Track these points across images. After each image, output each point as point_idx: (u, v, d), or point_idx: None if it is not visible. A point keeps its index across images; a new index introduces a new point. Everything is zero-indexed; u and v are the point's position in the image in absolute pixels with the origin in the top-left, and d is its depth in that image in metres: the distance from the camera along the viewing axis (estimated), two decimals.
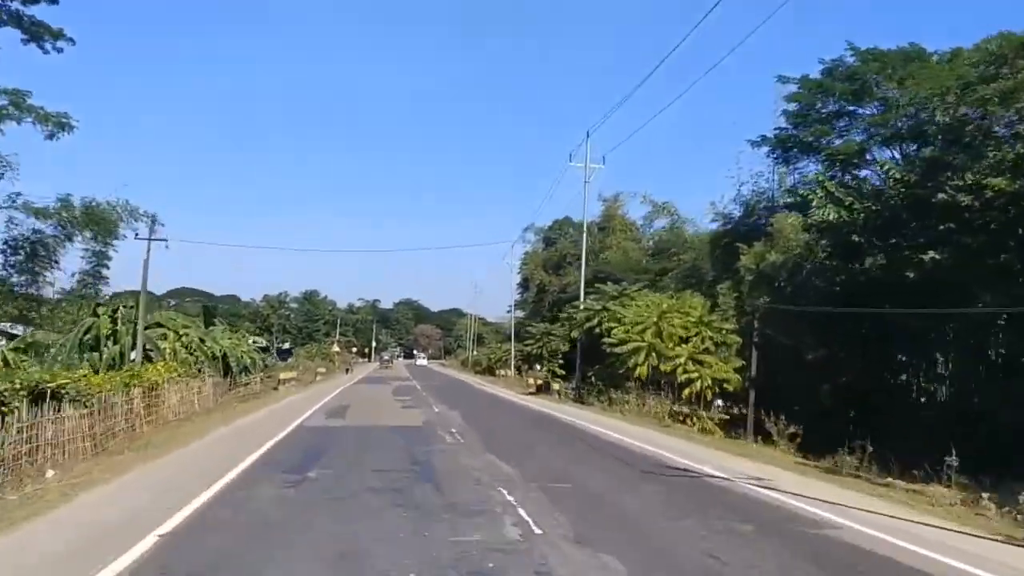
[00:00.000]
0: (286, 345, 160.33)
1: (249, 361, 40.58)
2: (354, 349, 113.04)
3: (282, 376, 39.92)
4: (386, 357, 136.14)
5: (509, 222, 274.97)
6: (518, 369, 65.63)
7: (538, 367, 62.63)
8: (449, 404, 34.30)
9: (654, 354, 33.17)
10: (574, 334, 43.38)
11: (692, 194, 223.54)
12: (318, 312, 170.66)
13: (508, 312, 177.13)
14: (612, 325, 36.35)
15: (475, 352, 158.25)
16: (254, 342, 46.65)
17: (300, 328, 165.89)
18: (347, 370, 70.86)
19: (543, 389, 43.55)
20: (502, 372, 64.62)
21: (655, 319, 34.00)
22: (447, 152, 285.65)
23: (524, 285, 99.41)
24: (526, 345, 65.27)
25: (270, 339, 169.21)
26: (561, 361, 63.81)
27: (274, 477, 13.06)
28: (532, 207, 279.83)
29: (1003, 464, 16.58)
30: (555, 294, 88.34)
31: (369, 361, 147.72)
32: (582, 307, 44.58)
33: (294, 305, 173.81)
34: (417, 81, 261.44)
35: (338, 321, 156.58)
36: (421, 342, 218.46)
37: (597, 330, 39.41)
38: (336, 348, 74.82)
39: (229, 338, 40.04)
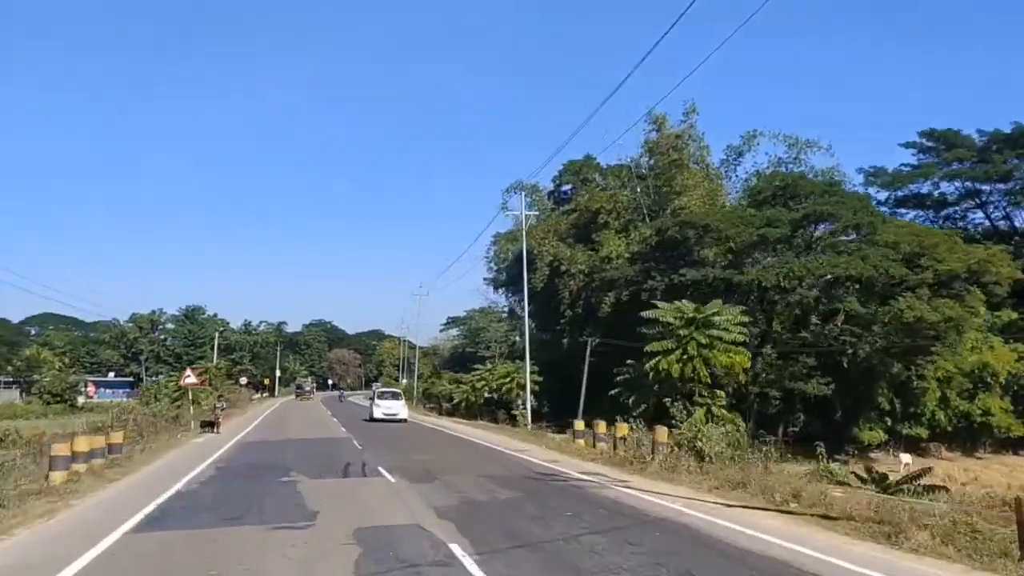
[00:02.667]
0: (159, 378, 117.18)
1: None
2: (243, 380, 72.82)
3: None
4: (306, 388, 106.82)
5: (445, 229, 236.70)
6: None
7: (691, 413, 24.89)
8: None
9: None
10: None
11: None
12: (204, 334, 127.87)
13: (442, 331, 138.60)
14: None
15: (406, 381, 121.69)
16: None
17: (179, 355, 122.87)
18: (210, 424, 31.78)
19: None
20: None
21: None
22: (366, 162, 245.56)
23: (515, 270, 63.18)
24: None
25: (139, 369, 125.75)
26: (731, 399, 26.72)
27: None
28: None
29: None
30: (581, 278, 51.90)
31: (271, 395, 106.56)
32: None
33: (171, 326, 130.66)
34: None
35: (216, 343, 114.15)
36: (337, 369, 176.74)
37: None
38: (192, 379, 34.99)
39: None
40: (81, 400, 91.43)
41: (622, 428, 22.18)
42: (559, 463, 20.05)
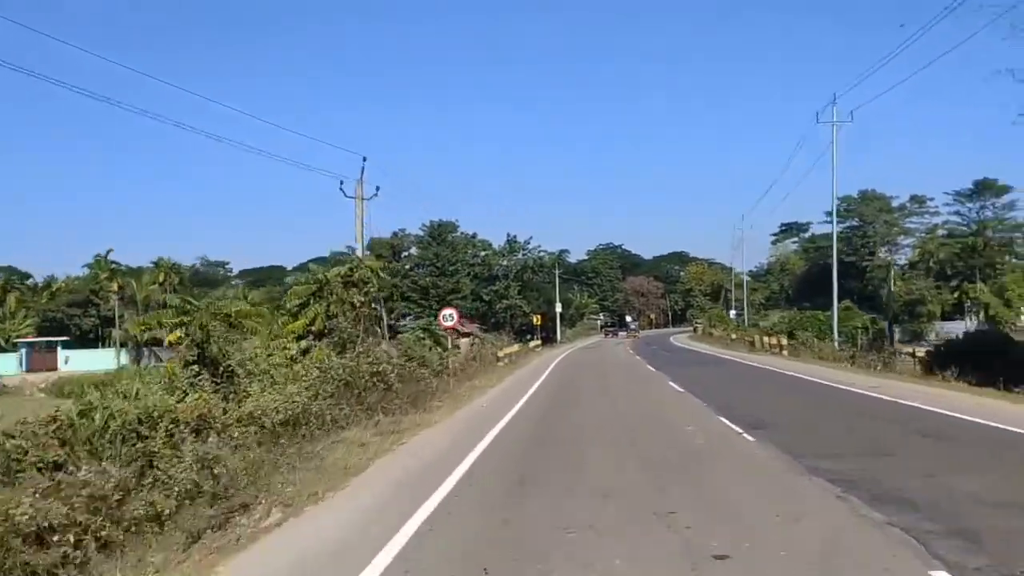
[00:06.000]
0: (406, 321, 78.45)
1: None
2: (473, 326, 30.85)
3: None
4: (633, 327, 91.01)
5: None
6: None
7: None
8: None
9: None
10: None
11: None
12: (457, 258, 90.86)
13: (775, 243, 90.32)
14: None
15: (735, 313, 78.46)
16: None
17: (425, 289, 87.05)
18: None
19: None
20: None
21: None
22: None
23: None
24: None
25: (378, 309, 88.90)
26: None
27: None
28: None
29: None
30: None
31: (546, 344, 65.73)
32: None
33: (414, 251, 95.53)
34: None
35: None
36: (634, 302, 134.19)
37: None
38: None
39: None
40: None
41: None
42: None
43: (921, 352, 30.37)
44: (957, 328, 69.54)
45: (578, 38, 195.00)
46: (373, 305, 18.65)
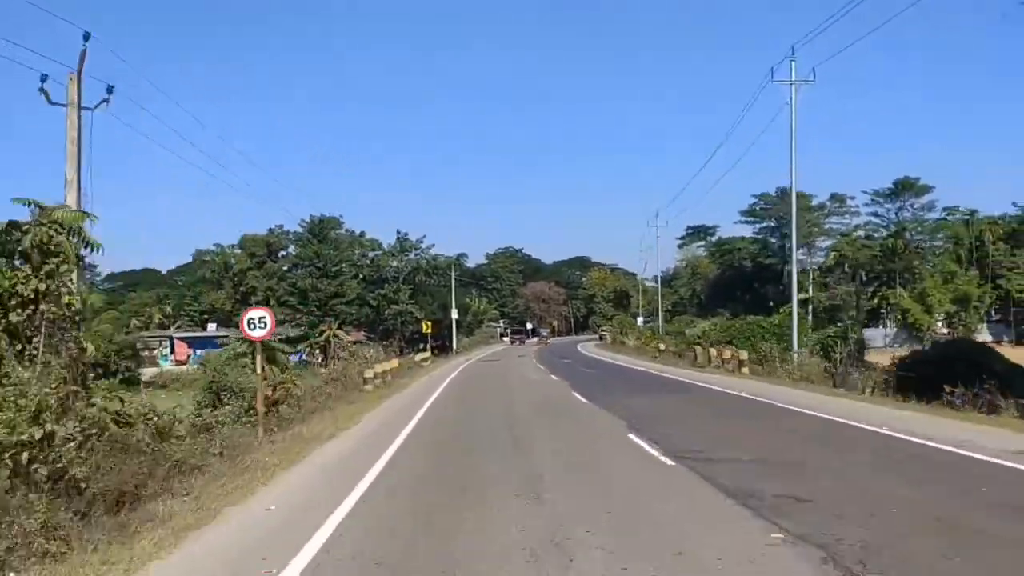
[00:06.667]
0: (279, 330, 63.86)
1: None
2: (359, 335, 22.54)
3: None
4: (544, 334, 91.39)
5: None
6: None
7: None
8: None
9: None
10: None
11: None
12: (342, 258, 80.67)
13: (681, 246, 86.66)
14: None
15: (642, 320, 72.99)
16: None
17: (305, 292, 76.51)
18: None
19: None
20: None
21: None
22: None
23: None
24: None
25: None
26: None
27: None
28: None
29: None
30: None
31: (439, 353, 56.69)
32: None
33: (292, 250, 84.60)
34: None
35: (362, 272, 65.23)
36: (535, 309, 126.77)
37: None
38: None
39: None
40: (151, 372, 50.19)
41: None
42: None
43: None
44: (876, 335, 65.33)
45: (477, 38, 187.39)
46: (69, 297, 9.20)
